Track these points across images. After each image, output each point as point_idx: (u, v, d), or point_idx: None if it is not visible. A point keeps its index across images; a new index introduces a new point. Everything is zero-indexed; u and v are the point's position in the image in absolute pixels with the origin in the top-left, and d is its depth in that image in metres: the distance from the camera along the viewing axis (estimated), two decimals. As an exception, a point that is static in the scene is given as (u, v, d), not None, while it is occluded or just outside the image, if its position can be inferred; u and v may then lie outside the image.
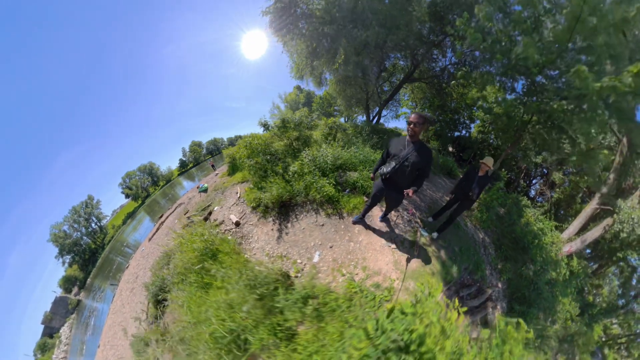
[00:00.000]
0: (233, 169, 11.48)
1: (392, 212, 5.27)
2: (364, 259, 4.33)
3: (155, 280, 5.61)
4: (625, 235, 6.44)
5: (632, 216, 6.47)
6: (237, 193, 7.90)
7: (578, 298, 7.83)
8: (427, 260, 4.48)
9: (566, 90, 5.05)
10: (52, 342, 32.61)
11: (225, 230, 6.01)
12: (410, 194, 3.42)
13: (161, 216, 16.03)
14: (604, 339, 8.45)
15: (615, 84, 4.09)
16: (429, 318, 1.82)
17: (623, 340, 8.45)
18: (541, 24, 5.16)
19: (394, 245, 4.57)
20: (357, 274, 4.04)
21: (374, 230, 4.87)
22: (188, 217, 9.02)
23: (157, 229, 12.84)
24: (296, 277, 4.17)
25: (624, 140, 6.86)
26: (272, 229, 5.43)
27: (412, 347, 1.66)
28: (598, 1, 4.28)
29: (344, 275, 4.02)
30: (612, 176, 7.27)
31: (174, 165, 73.30)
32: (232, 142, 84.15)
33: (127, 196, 59.56)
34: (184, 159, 74.67)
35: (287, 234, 5.23)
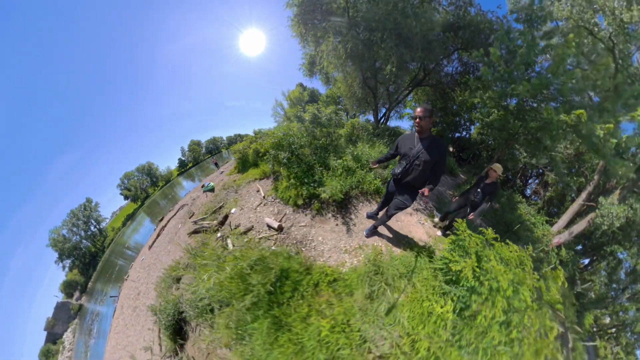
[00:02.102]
0: (244, 165, 11.14)
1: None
2: (410, 232, 5.49)
3: (166, 306, 5.12)
4: (605, 227, 7.52)
5: (611, 211, 7.53)
6: (258, 191, 7.55)
7: (569, 288, 8.91)
8: (443, 233, 5.86)
9: (539, 116, 7.00)
10: (55, 348, 33.22)
11: (261, 238, 5.40)
12: (425, 194, 3.40)
13: (161, 219, 15.46)
14: (594, 329, 9.50)
15: (565, 119, 6.25)
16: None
17: (612, 330, 9.49)
18: (534, 62, 7.40)
19: (422, 222, 5.97)
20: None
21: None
22: (195, 222, 8.47)
23: (158, 235, 12.28)
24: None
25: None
26: (337, 224, 5.49)
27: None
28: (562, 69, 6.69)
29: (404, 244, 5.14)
30: (596, 177, 8.37)
31: (173, 165, 75.15)
32: (231, 140, 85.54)
33: (126, 197, 60.99)
34: (183, 158, 76.31)
35: (354, 225, 5.47)
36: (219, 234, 6.53)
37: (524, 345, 2.58)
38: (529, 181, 14.40)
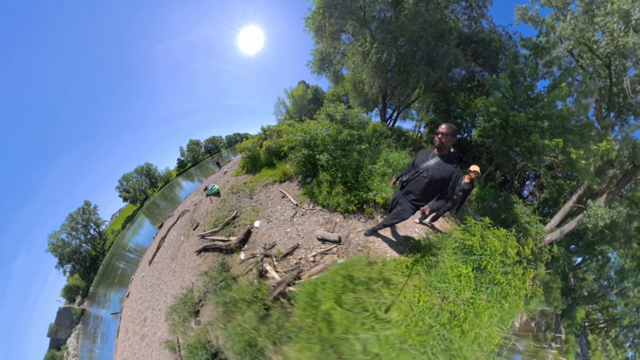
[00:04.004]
0: (253, 164, 10.65)
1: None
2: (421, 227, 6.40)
3: (193, 351, 4.72)
4: (591, 226, 8.66)
5: (597, 212, 8.63)
6: (284, 197, 6.92)
7: (562, 283, 10.00)
8: (421, 221, 6.61)
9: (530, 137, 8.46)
10: (59, 355, 34.09)
11: (316, 255, 4.92)
12: (426, 212, 3.64)
13: (161, 226, 15.29)
14: (586, 324, 10.56)
15: (548, 143, 7.85)
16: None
17: (603, 324, 10.54)
18: (534, 88, 9.00)
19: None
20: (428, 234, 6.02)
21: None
22: (202, 236, 7.49)
23: (158, 248, 11.57)
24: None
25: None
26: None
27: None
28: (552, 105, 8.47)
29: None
30: (586, 182, 9.44)
31: (172, 165, 76.43)
32: (231, 140, 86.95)
33: (125, 199, 62.08)
34: (182, 158, 77.48)
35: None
36: (242, 256, 5.75)
37: (517, 279, 4.14)
38: (527, 183, 15.57)
